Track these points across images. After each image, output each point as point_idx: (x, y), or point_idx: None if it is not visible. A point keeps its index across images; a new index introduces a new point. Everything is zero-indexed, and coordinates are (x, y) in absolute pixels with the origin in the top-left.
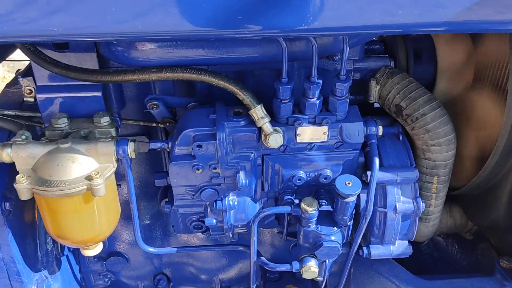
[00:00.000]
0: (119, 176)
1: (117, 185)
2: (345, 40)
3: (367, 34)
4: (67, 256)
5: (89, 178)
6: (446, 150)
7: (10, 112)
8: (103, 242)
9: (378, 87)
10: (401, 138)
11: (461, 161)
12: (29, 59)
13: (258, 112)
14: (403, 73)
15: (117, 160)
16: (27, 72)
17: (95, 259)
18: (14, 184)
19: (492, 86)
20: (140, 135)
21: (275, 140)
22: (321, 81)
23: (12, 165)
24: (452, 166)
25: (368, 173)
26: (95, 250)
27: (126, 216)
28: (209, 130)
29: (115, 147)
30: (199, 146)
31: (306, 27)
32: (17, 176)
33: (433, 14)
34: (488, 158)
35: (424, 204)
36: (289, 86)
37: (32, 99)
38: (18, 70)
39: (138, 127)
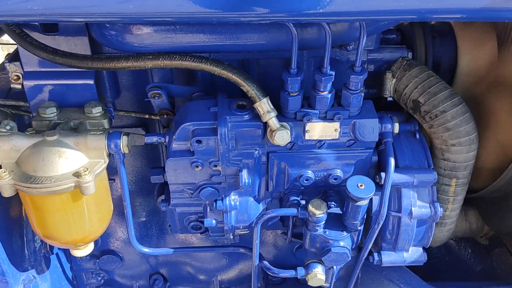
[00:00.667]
0: (113, 170)
1: (111, 179)
2: (362, 27)
3: (389, 20)
4: (57, 254)
5: (77, 174)
6: (467, 150)
7: None
8: (96, 240)
9: (394, 80)
10: (418, 136)
11: (480, 163)
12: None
13: (264, 106)
14: (422, 65)
15: (109, 155)
16: (15, 57)
17: (87, 257)
18: None
19: None
20: (137, 126)
21: (282, 137)
22: (333, 73)
23: None
24: (472, 168)
25: (382, 174)
26: (85, 250)
27: (120, 212)
28: (209, 124)
29: (106, 141)
30: (199, 141)
31: (320, 10)
32: None
33: None
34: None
35: (441, 208)
36: (299, 78)
37: (19, 86)
38: (8, 54)
39: (135, 118)
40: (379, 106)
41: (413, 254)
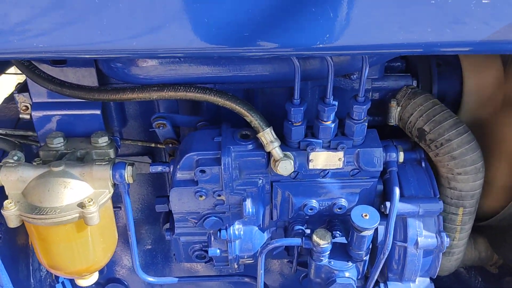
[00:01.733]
0: (119, 198)
1: (117, 207)
2: (364, 59)
3: (394, 54)
4: (62, 283)
5: (81, 205)
6: (473, 179)
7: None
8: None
9: (398, 108)
10: (423, 164)
11: (489, 190)
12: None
13: (267, 136)
14: (427, 93)
15: (114, 185)
16: (23, 88)
17: (93, 286)
18: (1, 211)
19: None
20: (143, 154)
21: (285, 167)
22: (336, 103)
23: (3, 188)
24: (479, 197)
25: (387, 203)
26: (90, 280)
27: (126, 240)
28: (213, 154)
29: (111, 171)
30: (203, 171)
31: (322, 45)
32: (5, 202)
33: (458, 32)
34: None
35: (448, 238)
36: (302, 108)
37: (28, 116)
38: (18, 83)
39: (141, 146)
40: (384, 133)
41: (420, 284)
